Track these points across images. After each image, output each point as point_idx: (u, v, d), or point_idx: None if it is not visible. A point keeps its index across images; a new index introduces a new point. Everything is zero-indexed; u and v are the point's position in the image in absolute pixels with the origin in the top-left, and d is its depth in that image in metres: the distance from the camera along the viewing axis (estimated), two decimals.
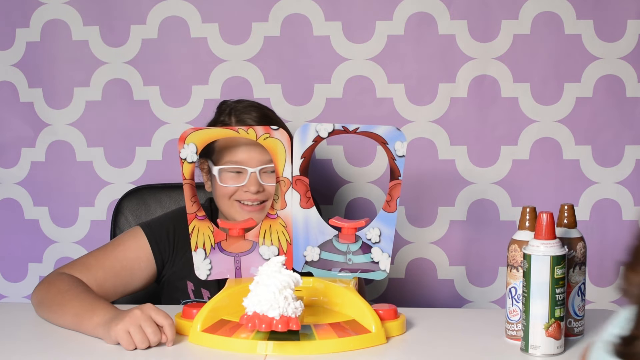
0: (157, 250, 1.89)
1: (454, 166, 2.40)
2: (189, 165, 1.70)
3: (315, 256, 1.75)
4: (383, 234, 1.74)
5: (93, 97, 2.41)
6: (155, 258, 1.89)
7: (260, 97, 2.37)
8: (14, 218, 2.48)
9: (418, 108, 2.39)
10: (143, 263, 1.88)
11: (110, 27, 2.39)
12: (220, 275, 1.74)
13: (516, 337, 1.59)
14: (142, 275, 1.88)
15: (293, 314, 1.51)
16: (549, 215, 1.51)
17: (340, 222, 1.75)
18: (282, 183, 1.73)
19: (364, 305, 1.63)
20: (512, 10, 2.36)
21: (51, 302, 1.71)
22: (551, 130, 2.39)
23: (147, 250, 1.89)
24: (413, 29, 2.36)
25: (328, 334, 1.57)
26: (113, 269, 1.83)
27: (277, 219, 1.75)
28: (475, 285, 2.44)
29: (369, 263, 1.75)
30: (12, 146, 2.45)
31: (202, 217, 1.73)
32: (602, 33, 2.35)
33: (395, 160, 1.71)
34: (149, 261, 1.89)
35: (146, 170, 2.43)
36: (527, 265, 1.51)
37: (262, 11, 2.37)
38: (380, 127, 1.71)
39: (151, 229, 1.91)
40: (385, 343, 1.60)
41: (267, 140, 1.72)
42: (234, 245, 1.74)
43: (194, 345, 1.58)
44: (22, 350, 1.57)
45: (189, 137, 1.70)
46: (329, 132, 1.71)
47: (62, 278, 1.77)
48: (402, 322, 1.66)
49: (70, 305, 1.67)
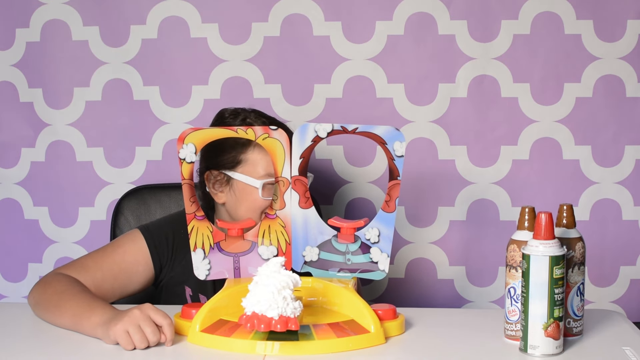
0: (156, 254, 1.89)
1: (454, 166, 2.40)
2: (188, 165, 1.70)
3: (314, 256, 1.75)
4: (382, 234, 1.74)
5: (93, 97, 2.41)
6: (153, 262, 1.89)
7: (260, 97, 2.37)
8: (14, 218, 2.48)
9: (418, 108, 2.39)
10: (141, 266, 1.88)
11: (110, 27, 2.39)
12: (219, 276, 1.74)
13: (515, 337, 1.59)
14: (140, 278, 1.88)
15: (292, 314, 1.51)
16: (548, 215, 1.51)
17: (339, 222, 1.75)
18: (281, 183, 1.73)
19: (362, 306, 1.63)
20: (512, 10, 2.35)
21: (48, 302, 1.71)
22: (551, 130, 2.39)
23: (145, 253, 1.89)
24: (413, 29, 2.36)
25: (327, 334, 1.57)
26: (111, 271, 1.83)
27: (276, 219, 1.74)
28: (475, 285, 2.44)
29: (368, 263, 1.75)
30: (12, 146, 2.46)
31: (201, 217, 1.72)
32: (602, 33, 2.35)
33: (394, 160, 1.71)
34: (147, 265, 1.89)
35: (146, 170, 2.43)
36: (526, 265, 1.51)
37: (262, 11, 2.37)
38: (379, 127, 1.71)
39: (150, 232, 1.91)
40: (384, 343, 1.60)
41: (265, 140, 1.72)
42: (232, 245, 1.74)
43: (193, 345, 1.58)
44: (22, 350, 1.57)
45: (187, 137, 1.69)
46: (327, 132, 1.71)
47: (59, 278, 1.77)
48: (401, 322, 1.66)
49: (68, 306, 1.67)
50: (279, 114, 2.37)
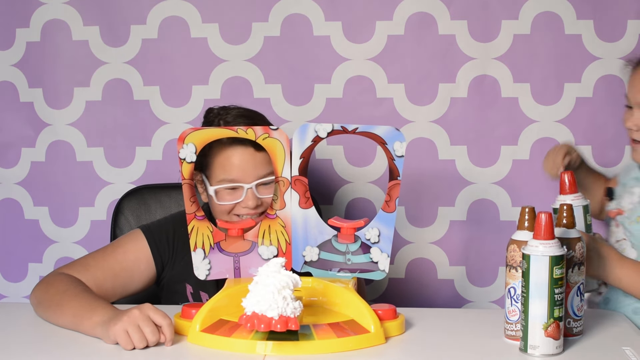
0: (157, 253, 1.90)
1: (454, 166, 2.40)
2: (188, 165, 1.70)
3: (314, 256, 1.75)
4: (382, 234, 1.74)
5: (93, 97, 2.42)
6: (155, 260, 1.89)
7: (260, 97, 2.37)
8: (14, 218, 2.48)
9: (418, 108, 2.39)
10: (142, 265, 1.88)
11: (110, 27, 2.39)
12: (219, 275, 1.74)
13: (515, 337, 1.59)
14: (141, 277, 1.89)
15: (292, 314, 1.51)
16: (548, 215, 1.50)
17: (339, 222, 1.75)
18: (281, 183, 1.73)
19: (362, 306, 1.63)
20: (512, 10, 2.35)
21: (50, 302, 1.71)
22: (551, 130, 2.38)
23: (147, 252, 1.89)
24: (413, 29, 2.36)
25: (327, 334, 1.57)
26: (112, 270, 1.83)
27: (276, 219, 1.74)
28: (475, 285, 2.44)
29: (368, 263, 1.75)
30: (12, 146, 2.46)
31: (201, 217, 1.72)
32: (602, 33, 2.35)
33: (394, 160, 1.71)
34: (148, 264, 1.89)
35: (146, 170, 2.43)
36: (526, 266, 1.51)
37: (262, 11, 2.37)
38: (379, 127, 1.71)
39: (151, 231, 1.91)
40: (384, 343, 1.60)
41: (266, 140, 1.72)
42: (233, 245, 1.74)
43: (193, 345, 1.58)
44: (22, 350, 1.57)
45: (188, 137, 1.69)
46: (328, 132, 1.71)
47: (61, 278, 1.77)
48: (401, 322, 1.66)
49: (69, 305, 1.67)
50: (279, 114, 2.38)
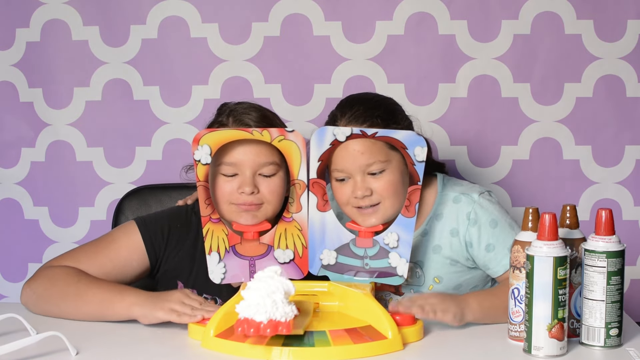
0: (151, 248, 1.86)
1: (454, 166, 2.40)
2: (203, 167, 1.68)
3: (331, 260, 1.72)
4: (401, 239, 1.69)
5: (93, 97, 2.41)
6: (148, 254, 1.86)
7: (260, 97, 2.37)
8: (14, 218, 2.47)
9: (418, 108, 2.38)
10: (135, 261, 1.85)
11: (110, 27, 2.39)
12: (234, 279, 1.72)
13: (519, 338, 1.59)
14: (134, 272, 1.86)
15: (282, 318, 1.49)
16: (552, 216, 1.51)
17: (357, 225, 1.73)
18: (298, 186, 1.71)
19: (380, 311, 1.60)
20: (512, 10, 2.36)
21: (64, 293, 1.72)
22: (551, 130, 2.39)
23: (140, 247, 1.86)
24: (413, 29, 2.36)
25: (343, 339, 1.54)
26: (103, 268, 1.81)
27: (292, 222, 1.72)
28: None
29: (386, 268, 1.71)
30: (12, 146, 2.45)
31: (216, 219, 1.70)
32: (602, 33, 2.35)
33: (414, 165, 1.67)
34: (141, 258, 1.86)
35: (146, 170, 2.43)
36: (530, 266, 1.52)
37: (262, 11, 2.37)
38: (399, 132, 1.67)
39: (146, 225, 1.87)
40: (402, 350, 1.57)
41: (281, 142, 1.69)
42: (248, 248, 1.72)
43: (207, 351, 1.56)
44: (22, 350, 1.56)
45: (202, 139, 1.67)
46: (347, 136, 1.68)
47: (64, 271, 1.76)
48: (420, 328, 1.62)
49: (92, 292, 1.70)
50: (279, 114, 2.35)
